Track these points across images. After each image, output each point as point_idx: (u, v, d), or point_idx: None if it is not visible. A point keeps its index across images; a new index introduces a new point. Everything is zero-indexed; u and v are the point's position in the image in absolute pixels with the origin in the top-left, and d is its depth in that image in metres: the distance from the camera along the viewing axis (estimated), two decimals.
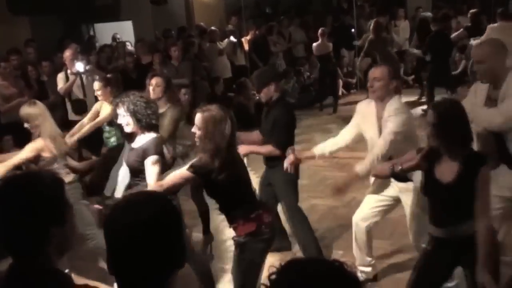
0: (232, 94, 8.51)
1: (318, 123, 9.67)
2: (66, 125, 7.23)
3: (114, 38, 11.42)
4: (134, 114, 3.82)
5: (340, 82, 11.52)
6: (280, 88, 4.69)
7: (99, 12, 10.98)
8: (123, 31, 11.84)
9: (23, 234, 1.74)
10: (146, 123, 3.84)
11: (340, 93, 11.33)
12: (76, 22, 11.36)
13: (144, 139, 3.84)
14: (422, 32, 9.89)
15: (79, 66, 6.95)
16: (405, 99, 8.43)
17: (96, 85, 5.93)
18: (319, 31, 11.01)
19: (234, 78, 9.48)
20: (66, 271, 1.95)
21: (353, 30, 11.99)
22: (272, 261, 4.29)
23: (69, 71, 7.07)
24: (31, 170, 3.99)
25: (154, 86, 5.19)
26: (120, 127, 4.54)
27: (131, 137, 3.98)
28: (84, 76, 7.09)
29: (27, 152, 4.31)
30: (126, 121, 3.86)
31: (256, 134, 4.74)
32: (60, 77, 7.14)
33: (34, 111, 4.34)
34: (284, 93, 4.73)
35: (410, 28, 11.66)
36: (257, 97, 4.82)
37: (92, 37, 12.11)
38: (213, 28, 10.68)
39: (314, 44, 11.04)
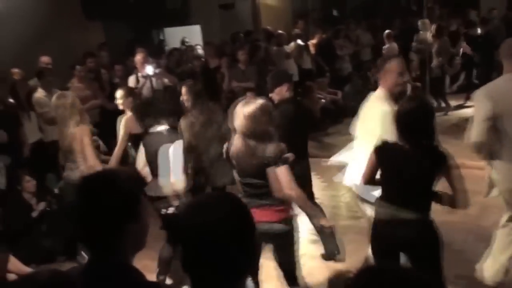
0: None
1: None
2: None
3: (182, 42, 11.70)
4: None
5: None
6: (292, 89, 4.91)
7: (169, 16, 11.26)
8: (192, 35, 12.10)
9: (100, 230, 1.81)
10: None
11: None
12: (147, 26, 11.70)
13: None
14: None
15: (149, 69, 7.16)
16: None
17: (118, 93, 5.77)
18: (385, 33, 10.86)
19: (300, 81, 9.46)
20: None
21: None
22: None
23: (139, 74, 7.31)
24: (111, 168, 4.15)
25: (183, 95, 5.26)
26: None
27: None
28: (153, 79, 7.30)
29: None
30: None
31: None
32: (131, 79, 7.39)
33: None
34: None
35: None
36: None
37: (162, 41, 12.46)
38: (280, 31, 10.71)
39: (384, 47, 10.93)
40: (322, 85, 10.45)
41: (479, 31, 10.74)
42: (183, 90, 5.27)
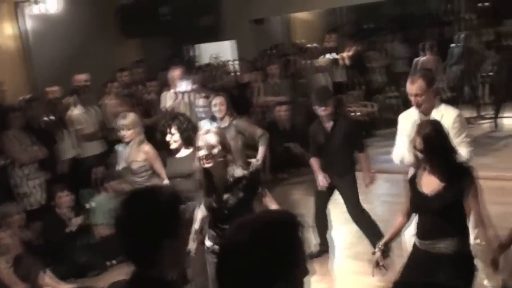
0: None
1: None
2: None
3: (211, 58, 11.78)
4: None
5: None
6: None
7: (201, 33, 11.34)
8: (223, 50, 12.15)
9: (140, 244, 1.84)
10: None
11: None
12: (180, 43, 11.84)
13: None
14: None
15: (185, 85, 7.20)
16: None
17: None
18: (420, 45, 10.64)
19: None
20: None
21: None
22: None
23: (173, 91, 7.34)
24: (154, 185, 4.19)
25: (218, 105, 5.59)
26: None
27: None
28: (191, 95, 7.33)
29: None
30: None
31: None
32: (168, 95, 7.42)
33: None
34: None
35: None
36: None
37: (193, 57, 12.56)
38: (310, 45, 10.68)
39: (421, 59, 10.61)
40: (354, 98, 10.38)
41: None
42: (219, 100, 5.60)
